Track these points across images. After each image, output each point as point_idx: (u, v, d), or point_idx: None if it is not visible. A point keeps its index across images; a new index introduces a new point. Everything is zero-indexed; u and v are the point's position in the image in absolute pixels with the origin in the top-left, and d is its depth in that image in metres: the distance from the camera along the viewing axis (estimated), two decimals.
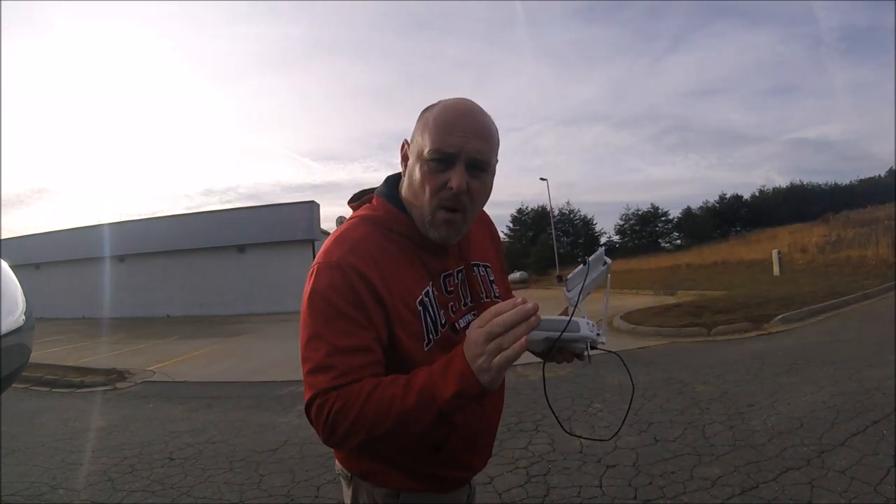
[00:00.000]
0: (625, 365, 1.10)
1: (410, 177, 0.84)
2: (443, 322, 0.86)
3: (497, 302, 0.88)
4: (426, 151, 0.80)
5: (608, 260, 0.89)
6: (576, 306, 0.86)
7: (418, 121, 0.85)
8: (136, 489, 2.93)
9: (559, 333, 0.81)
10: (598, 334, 0.84)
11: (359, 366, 0.77)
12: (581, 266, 0.88)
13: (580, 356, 0.87)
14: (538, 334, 0.82)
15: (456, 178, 0.79)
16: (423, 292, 0.84)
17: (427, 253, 0.87)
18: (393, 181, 0.92)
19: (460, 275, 0.92)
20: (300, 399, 4.26)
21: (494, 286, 0.98)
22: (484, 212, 1.02)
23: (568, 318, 0.83)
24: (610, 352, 0.89)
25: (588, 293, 0.88)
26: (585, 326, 0.83)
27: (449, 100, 0.84)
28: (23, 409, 5.13)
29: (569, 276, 0.88)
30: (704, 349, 5.95)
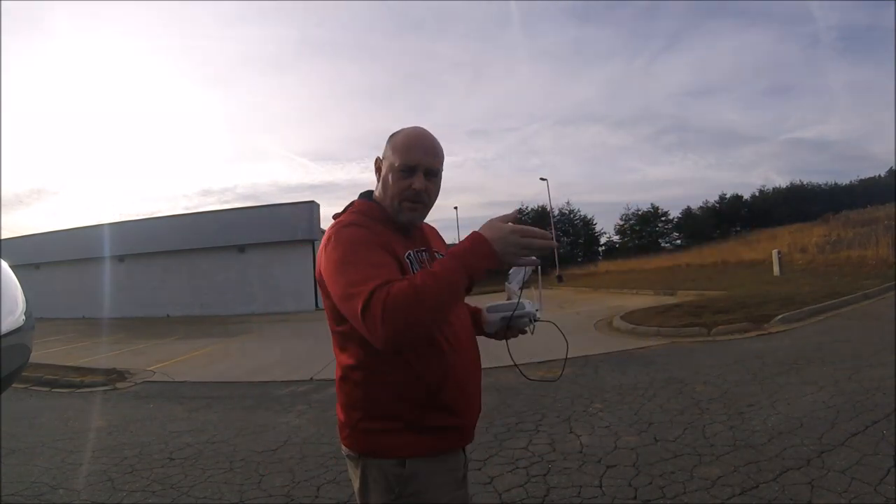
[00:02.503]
0: (560, 330, 1.33)
1: (385, 181, 1.15)
2: None
3: None
4: (396, 164, 1.11)
5: (536, 258, 1.12)
6: (521, 291, 1.16)
7: (388, 143, 1.15)
8: (136, 489, 2.94)
9: (511, 312, 1.14)
10: (537, 310, 1.16)
11: (396, 274, 0.98)
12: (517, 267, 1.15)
13: (523, 331, 1.20)
14: (495, 315, 1.16)
15: (417, 182, 1.11)
16: (406, 252, 1.12)
17: (400, 234, 1.15)
18: (367, 194, 1.22)
19: (425, 254, 1.18)
20: (300, 399, 4.28)
21: None
22: (436, 229, 1.34)
23: (513, 301, 1.15)
24: (548, 321, 1.23)
25: (525, 281, 1.17)
26: (528, 305, 1.14)
27: (409, 128, 1.17)
28: (23, 409, 5.14)
29: (510, 272, 1.16)
30: (704, 349, 5.95)
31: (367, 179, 1.20)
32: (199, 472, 3.16)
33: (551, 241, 0.99)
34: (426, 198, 1.14)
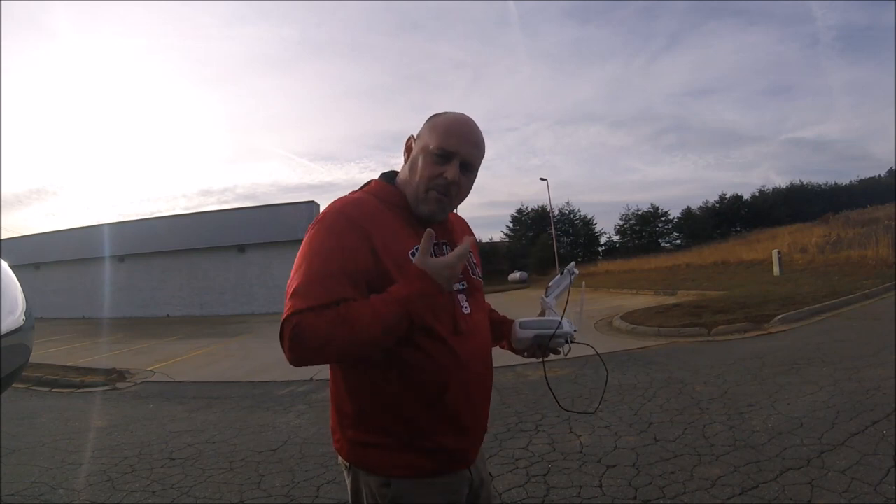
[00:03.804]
0: (600, 357, 1.34)
1: (413, 163, 1.02)
2: None
3: (480, 280, 1.12)
4: (432, 147, 0.99)
5: (576, 271, 1.12)
6: (565, 310, 1.07)
7: (427, 122, 1.04)
8: (136, 489, 2.94)
9: (552, 331, 1.03)
10: (574, 330, 1.06)
11: (330, 295, 0.88)
12: (559, 276, 1.10)
13: (556, 352, 1.09)
14: (527, 332, 1.05)
15: (451, 172, 0.98)
16: (413, 248, 0.99)
17: (418, 222, 1.03)
18: (389, 175, 1.10)
19: (447, 248, 1.07)
20: (300, 399, 4.30)
21: (477, 268, 1.15)
22: (465, 220, 1.22)
23: (550, 318, 1.04)
24: (585, 344, 1.14)
25: (561, 295, 1.10)
26: (567, 324, 1.04)
27: (455, 112, 1.05)
28: (23, 409, 5.14)
29: (549, 284, 1.10)
30: (704, 349, 5.95)
31: (366, 180, 1.16)
32: (199, 472, 3.16)
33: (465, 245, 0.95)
34: (455, 191, 1.02)
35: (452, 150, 0.99)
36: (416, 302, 0.89)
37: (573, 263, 1.14)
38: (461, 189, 1.02)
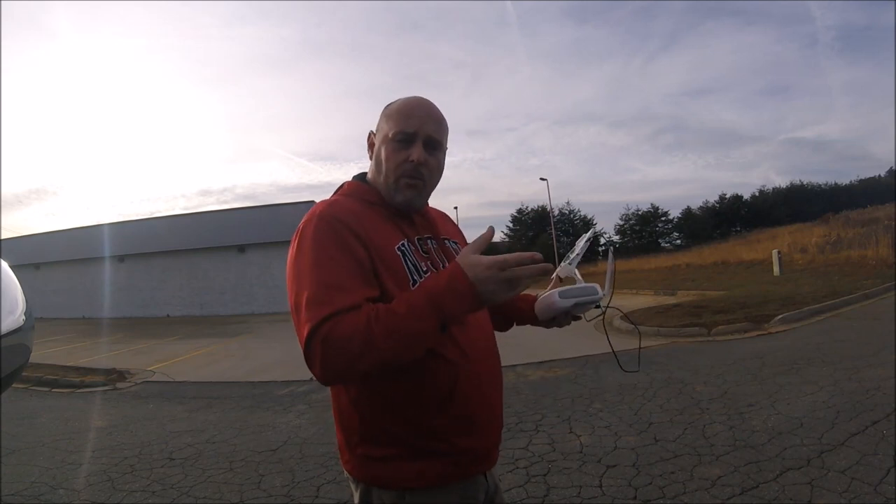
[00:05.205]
0: (630, 320, 1.27)
1: (377, 157, 1.00)
2: (424, 269, 0.96)
3: None
4: (391, 133, 0.96)
5: (588, 236, 1.15)
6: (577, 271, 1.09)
7: (382, 114, 1.02)
8: (136, 489, 2.94)
9: (595, 296, 1.04)
10: (603, 295, 1.08)
11: (351, 297, 0.82)
12: (574, 247, 1.15)
13: (577, 317, 1.12)
14: (568, 301, 1.04)
15: (416, 152, 0.95)
16: (399, 242, 0.96)
17: (399, 218, 1.00)
18: (361, 176, 1.08)
19: (433, 242, 1.03)
20: (300, 399, 4.28)
21: None
22: (447, 215, 1.19)
23: (584, 285, 1.07)
24: (614, 307, 1.16)
25: (578, 261, 1.12)
26: (599, 290, 1.06)
27: (406, 96, 1.01)
28: (23, 409, 5.14)
29: (568, 254, 1.12)
30: (704, 349, 5.95)
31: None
32: (199, 472, 3.16)
33: (539, 265, 0.80)
34: (426, 173, 0.97)
35: (412, 131, 0.96)
36: (445, 296, 0.80)
37: (592, 230, 1.19)
38: (430, 169, 0.98)
